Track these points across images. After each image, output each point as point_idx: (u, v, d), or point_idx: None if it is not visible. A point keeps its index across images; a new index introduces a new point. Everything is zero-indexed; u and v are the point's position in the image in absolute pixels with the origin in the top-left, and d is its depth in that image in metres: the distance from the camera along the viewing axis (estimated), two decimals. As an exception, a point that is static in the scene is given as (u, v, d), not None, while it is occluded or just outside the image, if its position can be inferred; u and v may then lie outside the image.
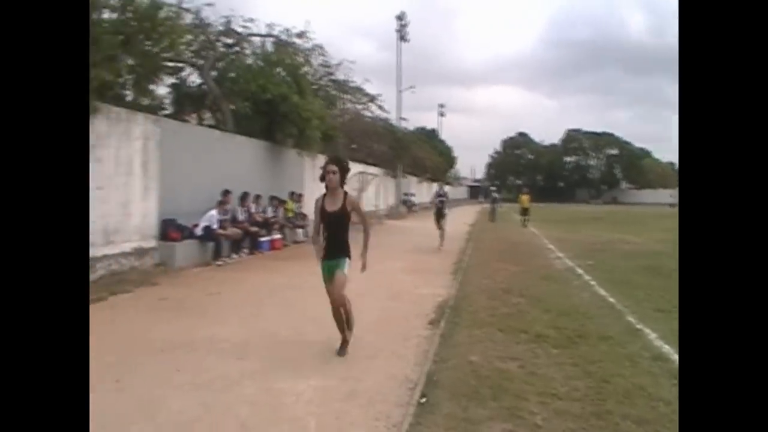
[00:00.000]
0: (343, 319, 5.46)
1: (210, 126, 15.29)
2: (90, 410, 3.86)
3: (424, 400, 4.29)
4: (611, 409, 4.15)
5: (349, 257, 5.37)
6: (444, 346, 5.80)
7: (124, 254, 9.72)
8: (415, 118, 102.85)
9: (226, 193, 12.15)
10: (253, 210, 13.59)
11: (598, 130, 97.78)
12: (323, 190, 5.36)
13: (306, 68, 19.07)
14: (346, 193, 5.34)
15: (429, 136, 64.74)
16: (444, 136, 73.33)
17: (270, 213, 14.55)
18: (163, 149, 10.77)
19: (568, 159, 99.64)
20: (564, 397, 4.41)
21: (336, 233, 5.34)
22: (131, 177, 9.94)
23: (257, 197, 14.01)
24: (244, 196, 13.26)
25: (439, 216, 16.24)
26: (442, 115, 77.72)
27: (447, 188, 57.44)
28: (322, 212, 5.31)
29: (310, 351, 5.56)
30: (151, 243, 10.52)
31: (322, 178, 5.30)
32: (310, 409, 4.12)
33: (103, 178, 9.14)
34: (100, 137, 8.96)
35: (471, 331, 6.45)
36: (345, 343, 5.56)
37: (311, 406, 4.19)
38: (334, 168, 5.23)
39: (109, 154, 9.29)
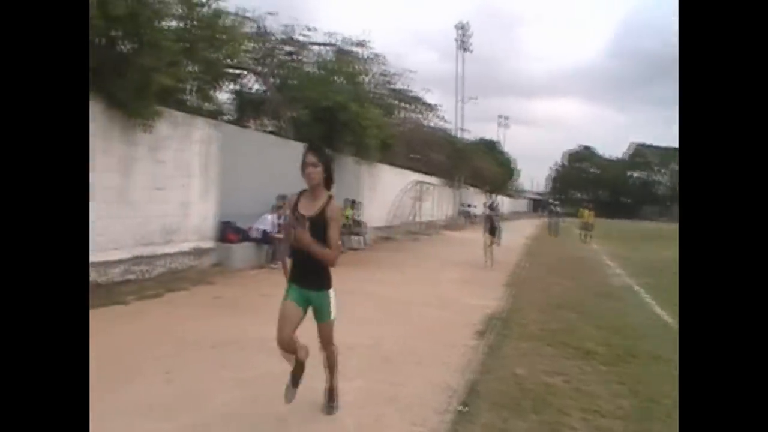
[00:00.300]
0: (336, 363, 4.26)
1: (269, 132, 15.60)
2: (138, 399, 4.08)
3: (463, 408, 4.27)
4: (655, 429, 4.02)
5: (331, 287, 4.06)
6: (491, 357, 5.75)
7: (182, 253, 10.03)
8: (478, 129, 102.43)
9: (283, 198, 12.35)
10: (309, 215, 13.73)
11: (667, 144, 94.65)
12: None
13: (365, 77, 19.25)
14: (330, 197, 3.83)
15: (489, 147, 64.13)
16: (506, 147, 72.47)
17: (327, 219, 14.61)
18: (222, 153, 11.06)
19: (633, 174, 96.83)
20: (608, 414, 4.30)
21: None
22: (191, 179, 10.26)
23: (314, 203, 14.16)
24: (301, 202, 13.41)
25: (491, 232, 14.49)
26: (504, 126, 77.05)
27: (505, 200, 55.97)
28: (293, 215, 3.81)
29: (357, 354, 5.58)
30: (209, 244, 10.81)
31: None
32: (350, 410, 4.16)
33: (164, 179, 9.49)
34: (161, 140, 9.30)
35: (519, 343, 6.37)
36: (333, 390, 4.22)
37: (352, 407, 4.22)
38: (314, 159, 3.71)
39: (170, 156, 9.62)
